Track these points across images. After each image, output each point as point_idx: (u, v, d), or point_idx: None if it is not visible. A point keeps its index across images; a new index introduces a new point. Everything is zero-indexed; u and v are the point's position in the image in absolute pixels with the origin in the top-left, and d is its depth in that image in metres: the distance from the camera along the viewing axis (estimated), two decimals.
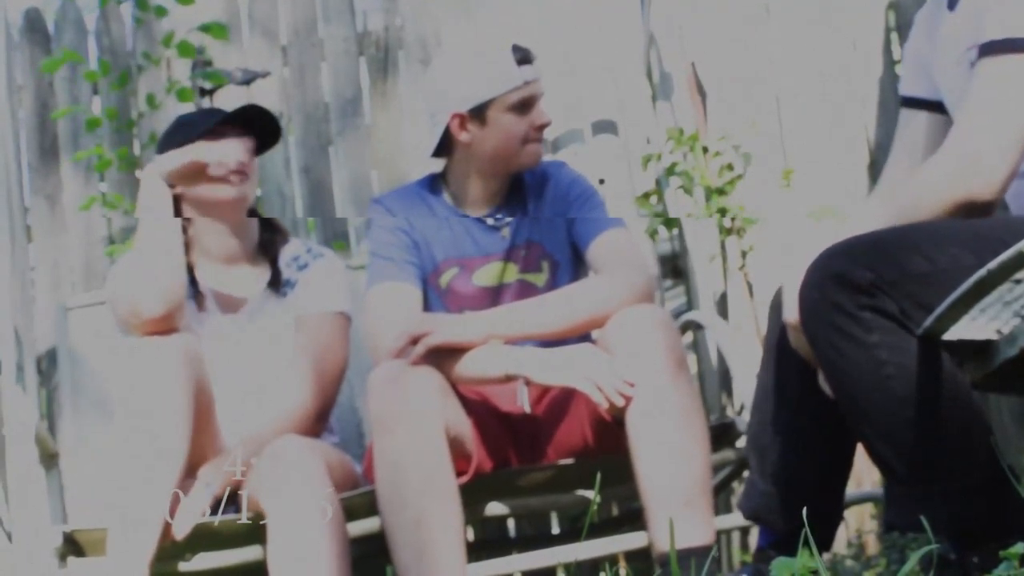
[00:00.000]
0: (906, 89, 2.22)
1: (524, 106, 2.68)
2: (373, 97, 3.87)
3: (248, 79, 3.82)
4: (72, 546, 2.65)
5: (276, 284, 2.82)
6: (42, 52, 3.81)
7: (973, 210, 1.89)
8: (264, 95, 3.83)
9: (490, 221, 2.75)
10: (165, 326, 2.57)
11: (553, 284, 2.74)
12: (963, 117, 1.94)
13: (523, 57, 2.68)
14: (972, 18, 1.98)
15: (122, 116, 3.75)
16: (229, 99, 3.79)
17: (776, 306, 2.13)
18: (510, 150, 2.70)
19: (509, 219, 2.76)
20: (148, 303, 2.56)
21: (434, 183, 2.81)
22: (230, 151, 2.73)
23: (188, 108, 3.70)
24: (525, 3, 3.89)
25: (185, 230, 2.77)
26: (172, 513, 2.46)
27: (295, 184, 3.87)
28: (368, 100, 3.87)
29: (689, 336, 3.57)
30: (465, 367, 2.53)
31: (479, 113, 2.68)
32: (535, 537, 3.41)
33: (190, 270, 2.79)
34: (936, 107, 2.17)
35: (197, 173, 2.72)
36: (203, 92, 3.80)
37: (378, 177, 3.82)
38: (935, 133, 2.16)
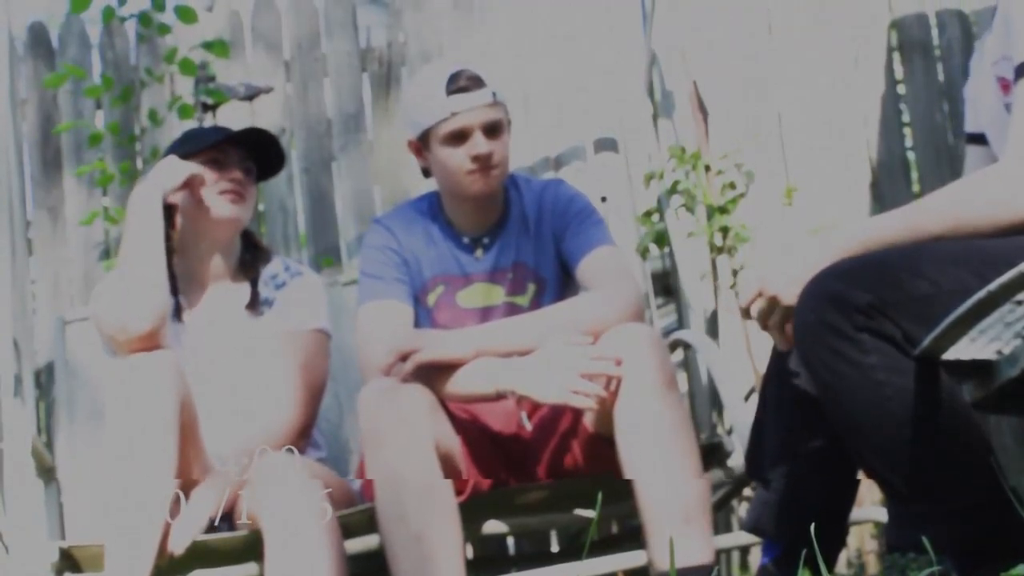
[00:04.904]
0: (966, 126, 2.22)
1: (456, 138, 2.61)
2: (375, 112, 3.88)
3: (251, 94, 3.83)
4: (68, 562, 2.64)
5: (254, 303, 2.84)
6: (46, 66, 3.82)
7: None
8: (267, 110, 3.84)
9: (466, 240, 2.74)
10: (151, 343, 2.56)
11: (537, 304, 2.71)
12: (1009, 136, 1.91)
13: (459, 87, 2.59)
14: (1002, 36, 1.96)
15: (124, 131, 3.76)
16: (232, 114, 3.80)
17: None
18: (453, 180, 2.65)
19: (485, 240, 2.74)
20: (135, 320, 2.56)
21: (434, 202, 2.81)
22: (229, 171, 2.75)
23: (189, 124, 3.71)
24: (528, 20, 3.90)
25: (169, 240, 2.78)
26: (167, 529, 2.46)
27: (297, 199, 3.87)
28: (370, 115, 3.88)
29: (679, 354, 3.56)
30: (455, 383, 2.51)
31: (425, 141, 2.66)
32: (534, 555, 3.40)
33: (172, 283, 2.80)
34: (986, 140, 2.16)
35: (196, 186, 2.73)
36: (206, 108, 3.80)
37: (380, 192, 3.83)
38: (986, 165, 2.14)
